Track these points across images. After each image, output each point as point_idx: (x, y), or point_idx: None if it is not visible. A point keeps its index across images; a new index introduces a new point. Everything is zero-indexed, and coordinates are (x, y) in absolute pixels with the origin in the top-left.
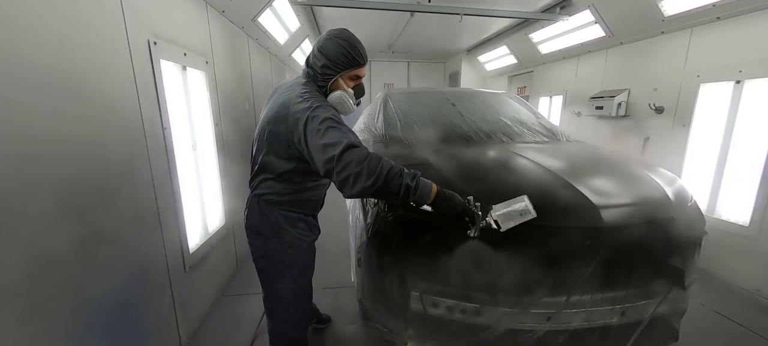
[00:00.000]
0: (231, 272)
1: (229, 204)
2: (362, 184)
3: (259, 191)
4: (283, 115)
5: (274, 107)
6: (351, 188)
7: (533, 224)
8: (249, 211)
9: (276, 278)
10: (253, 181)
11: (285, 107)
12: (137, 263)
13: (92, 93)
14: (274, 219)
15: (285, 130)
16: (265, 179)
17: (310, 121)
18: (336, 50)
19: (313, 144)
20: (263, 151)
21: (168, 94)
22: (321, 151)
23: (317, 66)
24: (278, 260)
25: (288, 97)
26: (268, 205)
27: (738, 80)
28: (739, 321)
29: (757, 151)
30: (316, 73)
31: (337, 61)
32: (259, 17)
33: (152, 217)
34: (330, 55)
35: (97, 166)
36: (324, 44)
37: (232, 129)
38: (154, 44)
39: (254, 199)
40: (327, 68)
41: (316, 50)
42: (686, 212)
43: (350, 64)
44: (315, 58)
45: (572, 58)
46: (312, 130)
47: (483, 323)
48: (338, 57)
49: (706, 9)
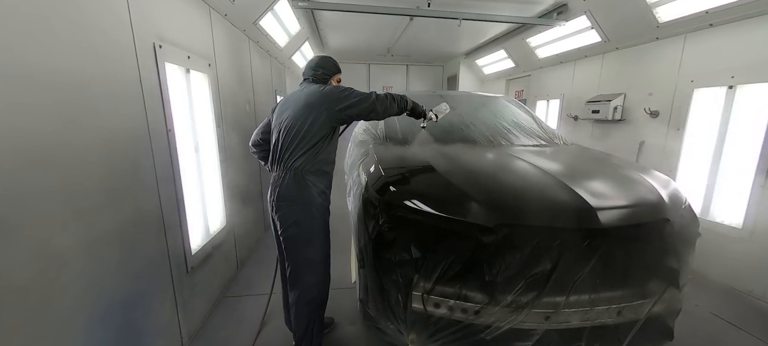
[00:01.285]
0: (232, 273)
1: (230, 206)
2: (394, 108)
3: (297, 163)
4: (316, 101)
5: (302, 99)
6: (387, 111)
7: (532, 225)
8: (282, 185)
9: (306, 244)
10: (287, 160)
11: (316, 95)
12: (141, 263)
13: (100, 96)
14: (307, 189)
15: (321, 108)
16: (304, 152)
17: (345, 90)
18: (329, 64)
19: (353, 97)
20: (300, 133)
21: (172, 97)
22: (364, 100)
23: (319, 74)
24: (309, 225)
25: (317, 90)
26: (305, 174)
27: (731, 86)
28: (732, 321)
29: (749, 154)
30: (319, 79)
31: (331, 70)
32: (261, 20)
33: (156, 218)
34: (326, 67)
35: (105, 167)
36: (320, 61)
37: (233, 131)
38: (159, 47)
39: (290, 173)
40: (325, 74)
41: (316, 66)
42: (680, 213)
43: (337, 70)
44: (317, 70)
45: (569, 63)
46: (348, 94)
47: (483, 323)
48: (331, 67)
49: (700, 16)
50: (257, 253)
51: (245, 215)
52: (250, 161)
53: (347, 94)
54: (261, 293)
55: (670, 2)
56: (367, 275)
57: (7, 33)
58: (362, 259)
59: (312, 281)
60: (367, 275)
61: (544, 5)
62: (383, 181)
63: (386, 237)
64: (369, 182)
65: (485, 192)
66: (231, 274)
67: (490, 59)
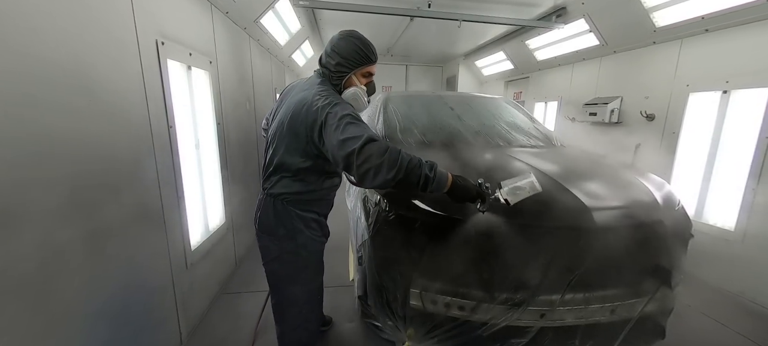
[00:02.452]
0: (230, 270)
1: (230, 203)
2: (384, 176)
3: (275, 190)
4: (301, 113)
5: (292, 106)
6: (372, 180)
7: (528, 224)
8: (262, 212)
9: (289, 282)
10: (267, 180)
11: (302, 105)
12: (141, 258)
13: (103, 92)
14: (289, 220)
15: (304, 128)
16: (282, 177)
17: (330, 118)
18: (349, 48)
19: (333, 139)
20: (281, 150)
21: (174, 94)
22: (341, 146)
23: (331, 64)
24: (292, 261)
25: (305, 96)
26: (284, 204)
27: (725, 90)
28: (722, 322)
29: (743, 158)
30: (330, 72)
31: (351, 59)
32: (262, 19)
33: (157, 214)
34: (344, 53)
35: (107, 163)
36: (337, 43)
37: (233, 129)
38: (161, 44)
39: (269, 199)
40: (341, 66)
41: (330, 49)
42: (674, 215)
43: (363, 61)
44: (328, 57)
45: (567, 65)
46: (331, 125)
47: (479, 320)
48: (352, 55)
49: (696, 21)
50: (256, 251)
51: (245, 213)
52: (250, 159)
53: (336, 126)
54: (260, 290)
55: (667, 7)
56: (365, 273)
57: (12, 27)
58: (361, 256)
59: (296, 322)
60: (365, 272)
61: (543, 8)
62: None
63: (385, 235)
64: None
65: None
66: (230, 270)
67: (489, 61)
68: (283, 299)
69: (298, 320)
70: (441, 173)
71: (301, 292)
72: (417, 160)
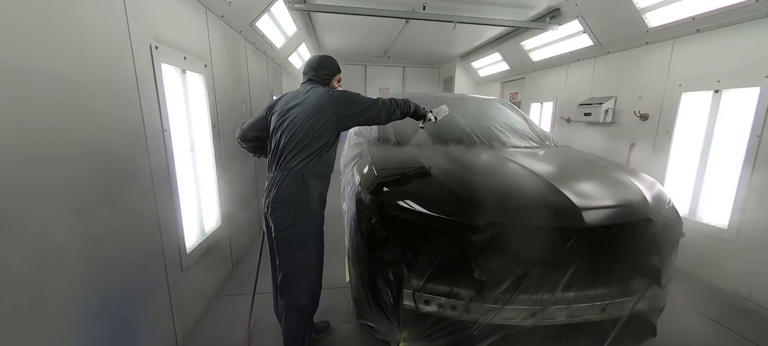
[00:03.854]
0: (227, 272)
1: (226, 206)
2: (396, 115)
3: (299, 166)
4: (325, 105)
5: (310, 104)
6: (390, 118)
7: (519, 224)
8: (281, 186)
9: (300, 247)
10: (293, 159)
11: (324, 98)
12: (136, 261)
13: (96, 95)
14: (307, 192)
15: (330, 113)
16: (307, 156)
17: (352, 97)
18: (330, 64)
19: (362, 104)
20: (307, 137)
21: (168, 97)
22: (370, 108)
23: (321, 74)
24: (305, 228)
25: (320, 94)
26: (305, 176)
27: (716, 90)
28: (717, 320)
29: (735, 157)
30: (322, 80)
31: (333, 70)
32: (257, 22)
33: (151, 217)
34: (328, 67)
35: (101, 166)
36: (321, 62)
37: (229, 131)
38: (155, 48)
39: (297, 175)
40: (327, 75)
41: (318, 67)
42: (663, 214)
43: (337, 71)
44: (318, 70)
45: (562, 66)
46: (356, 99)
47: (471, 319)
48: (332, 68)
49: (687, 22)
50: (252, 253)
51: (240, 215)
52: (246, 162)
53: (356, 101)
54: (258, 293)
55: (659, 8)
56: (360, 274)
57: (6, 31)
58: (355, 258)
59: (304, 285)
60: (360, 273)
61: (537, 9)
62: (376, 181)
63: (378, 236)
64: (362, 183)
65: (475, 192)
66: (226, 273)
67: (485, 62)
68: (293, 265)
69: (306, 284)
70: (412, 103)
71: (311, 257)
72: (401, 100)
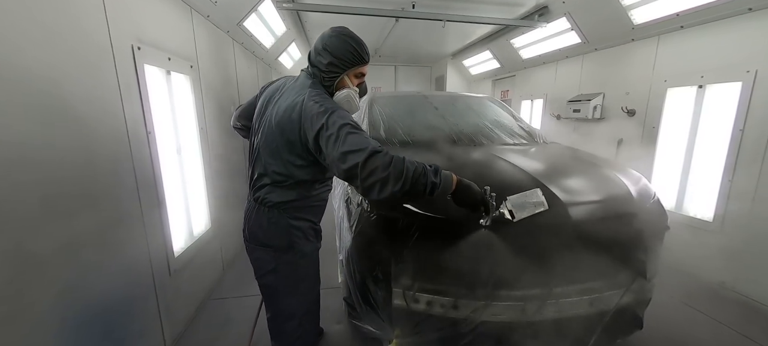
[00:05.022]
0: (217, 275)
1: (215, 208)
2: (391, 189)
3: (268, 199)
4: (293, 120)
5: (281, 111)
6: (378, 193)
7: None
8: (253, 221)
9: (286, 293)
10: (258, 190)
11: (293, 111)
12: (121, 267)
13: (76, 97)
14: (285, 229)
15: (298, 135)
16: (275, 185)
17: (328, 128)
18: (342, 47)
19: (333, 151)
20: (273, 156)
21: (152, 99)
22: (343, 159)
23: (322, 64)
24: (289, 273)
25: (296, 101)
26: (278, 213)
27: (700, 85)
28: (703, 310)
29: (719, 150)
30: (321, 72)
31: (344, 59)
32: (245, 22)
33: (136, 221)
34: (336, 52)
35: (81, 170)
36: (329, 41)
37: (218, 133)
38: (138, 49)
39: (261, 207)
40: (333, 66)
41: (321, 48)
42: (648, 207)
43: (356, 61)
44: (319, 56)
45: (551, 63)
46: (331, 136)
47: (460, 316)
48: (345, 54)
49: (671, 18)
50: (243, 255)
51: (231, 217)
52: (236, 163)
53: (335, 136)
54: (248, 295)
55: (644, 4)
56: (350, 274)
57: None
58: (346, 258)
59: (296, 333)
60: (350, 273)
61: (526, 7)
62: None
63: (367, 236)
64: None
65: None
66: (216, 276)
67: (476, 60)
68: (279, 312)
69: (297, 334)
70: (446, 175)
71: (300, 303)
72: (421, 167)
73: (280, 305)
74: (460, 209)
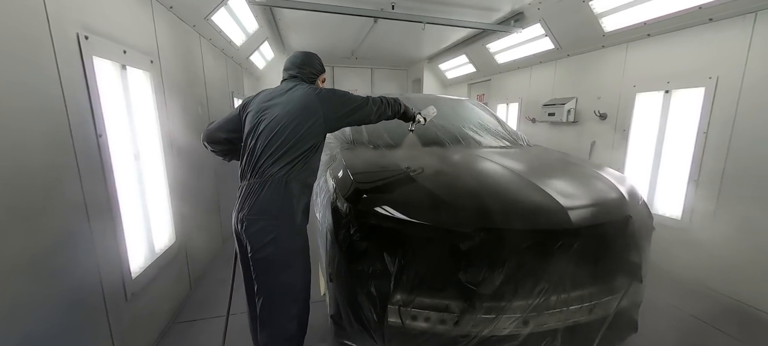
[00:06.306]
0: (183, 295)
1: (180, 219)
2: (387, 114)
3: (281, 172)
4: (313, 105)
5: (296, 103)
6: (380, 118)
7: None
8: (263, 192)
9: (284, 266)
10: (269, 166)
11: (309, 97)
12: (64, 294)
13: (3, 97)
14: (291, 200)
15: (318, 113)
16: (291, 161)
17: (342, 96)
18: (315, 61)
19: (352, 103)
20: (292, 139)
21: (103, 97)
22: (361, 107)
23: (306, 72)
24: (289, 243)
25: (307, 93)
26: (289, 183)
27: (667, 90)
28: (673, 303)
29: (685, 151)
30: (305, 78)
31: (318, 68)
32: (213, 16)
33: (83, 241)
34: (313, 65)
35: (13, 182)
36: (305, 59)
37: (183, 136)
38: (84, 39)
39: (272, 180)
40: (313, 74)
41: (301, 63)
42: (639, 209)
43: (323, 70)
44: (303, 68)
45: (526, 68)
46: (345, 98)
47: (463, 333)
48: (317, 66)
49: (639, 27)
50: (214, 270)
51: (198, 229)
52: (203, 169)
53: (347, 100)
54: (220, 316)
55: (614, 13)
56: (338, 289)
57: None
58: (332, 272)
59: (290, 312)
60: (338, 289)
61: (502, 12)
62: (353, 187)
63: (358, 247)
64: (338, 189)
65: (462, 197)
66: (183, 296)
67: (452, 64)
68: (276, 289)
69: (292, 311)
70: (403, 103)
71: (296, 277)
72: (392, 99)
73: (277, 279)
74: (454, 216)
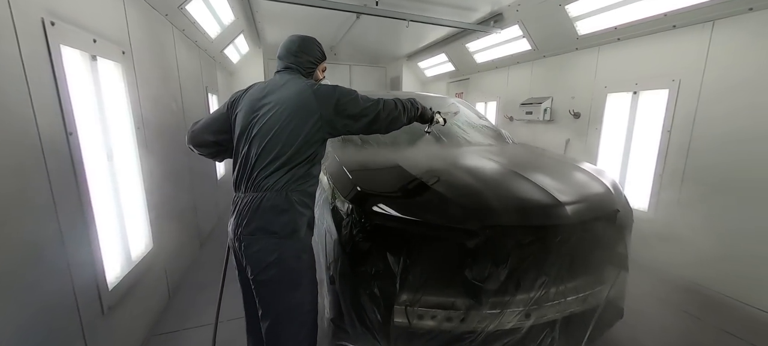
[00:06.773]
0: (162, 304)
1: (158, 223)
2: (403, 119)
3: (280, 182)
4: (308, 102)
5: (288, 99)
6: (394, 125)
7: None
8: (262, 208)
9: (291, 287)
10: (266, 176)
11: (302, 96)
12: (33, 314)
13: None
14: (294, 214)
15: (314, 113)
16: (290, 168)
17: (344, 95)
18: (314, 47)
19: (355, 108)
20: (290, 143)
21: (73, 91)
22: (368, 110)
23: (303, 61)
24: (294, 261)
25: (302, 89)
26: (290, 195)
27: (635, 91)
28: (645, 291)
29: (651, 148)
30: (303, 69)
31: (318, 56)
32: (187, 5)
33: (53, 251)
34: (312, 51)
35: None
36: (302, 44)
37: (157, 133)
38: (51, 25)
39: (271, 192)
40: (311, 63)
41: (297, 50)
42: (623, 203)
43: (323, 57)
44: (299, 56)
45: (504, 68)
46: (349, 98)
47: (469, 329)
48: (316, 53)
49: (609, 31)
50: (193, 275)
51: (176, 232)
52: (178, 168)
53: (350, 102)
54: (201, 325)
55: (588, 17)
56: (339, 292)
57: None
58: (334, 274)
59: (300, 335)
60: (339, 291)
61: (482, 13)
62: (354, 187)
63: (361, 248)
64: (337, 189)
65: (465, 194)
66: (161, 306)
67: (431, 62)
68: (282, 312)
69: (300, 334)
70: (420, 104)
71: (304, 298)
72: (409, 102)
73: (282, 301)
74: (459, 214)
